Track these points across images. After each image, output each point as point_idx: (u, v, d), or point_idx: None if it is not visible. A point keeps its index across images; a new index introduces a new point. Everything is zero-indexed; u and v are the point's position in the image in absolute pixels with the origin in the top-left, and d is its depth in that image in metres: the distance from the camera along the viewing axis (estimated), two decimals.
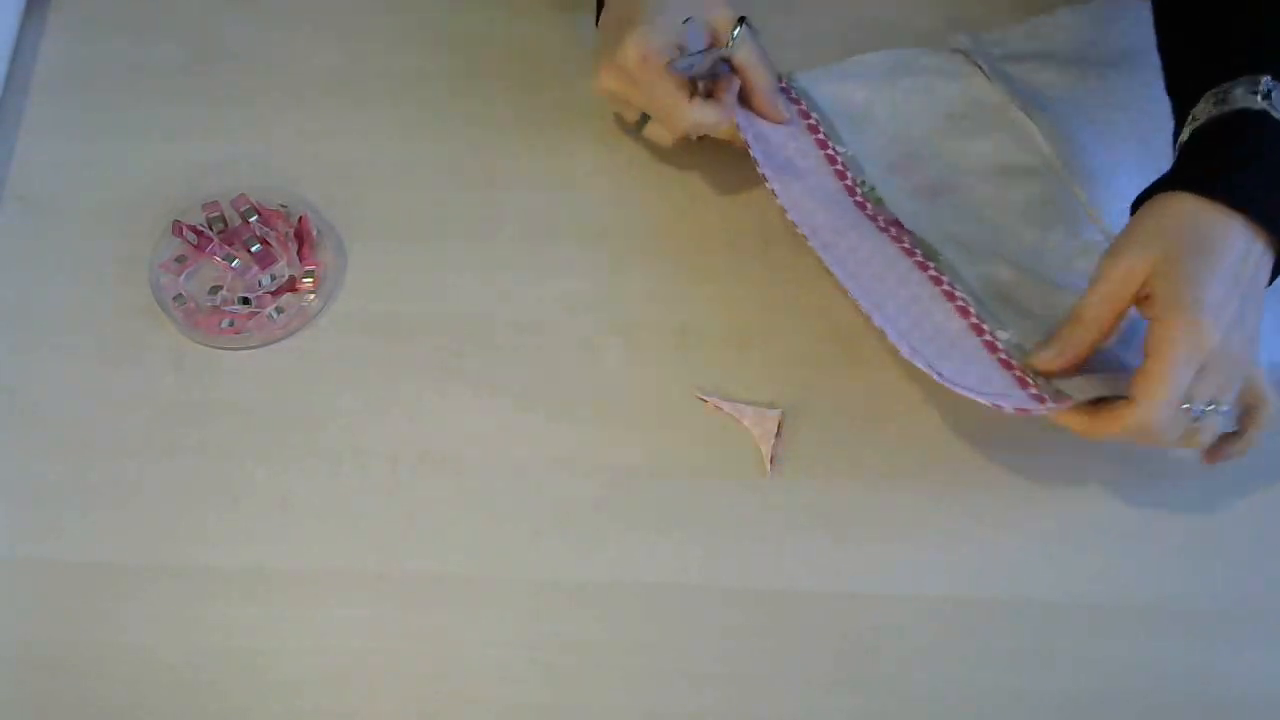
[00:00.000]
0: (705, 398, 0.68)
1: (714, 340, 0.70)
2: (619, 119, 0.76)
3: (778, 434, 0.67)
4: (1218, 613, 0.63)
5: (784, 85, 0.74)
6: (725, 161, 0.74)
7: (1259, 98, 0.57)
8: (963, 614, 0.63)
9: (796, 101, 0.74)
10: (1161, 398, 0.56)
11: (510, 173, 0.75)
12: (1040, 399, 0.61)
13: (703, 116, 0.67)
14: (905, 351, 0.62)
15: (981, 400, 0.60)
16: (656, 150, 0.75)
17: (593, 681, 0.61)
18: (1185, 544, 0.64)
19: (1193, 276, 0.55)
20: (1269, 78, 0.57)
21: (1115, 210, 0.69)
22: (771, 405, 0.67)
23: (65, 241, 0.73)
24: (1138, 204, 0.60)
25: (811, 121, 0.73)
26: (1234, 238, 0.56)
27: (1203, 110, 0.59)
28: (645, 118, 0.75)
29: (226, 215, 0.72)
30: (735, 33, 0.68)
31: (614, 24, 0.68)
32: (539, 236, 0.73)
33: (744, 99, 0.71)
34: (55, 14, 0.81)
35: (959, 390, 0.61)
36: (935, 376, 0.61)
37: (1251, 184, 0.56)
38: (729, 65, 0.69)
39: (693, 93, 0.68)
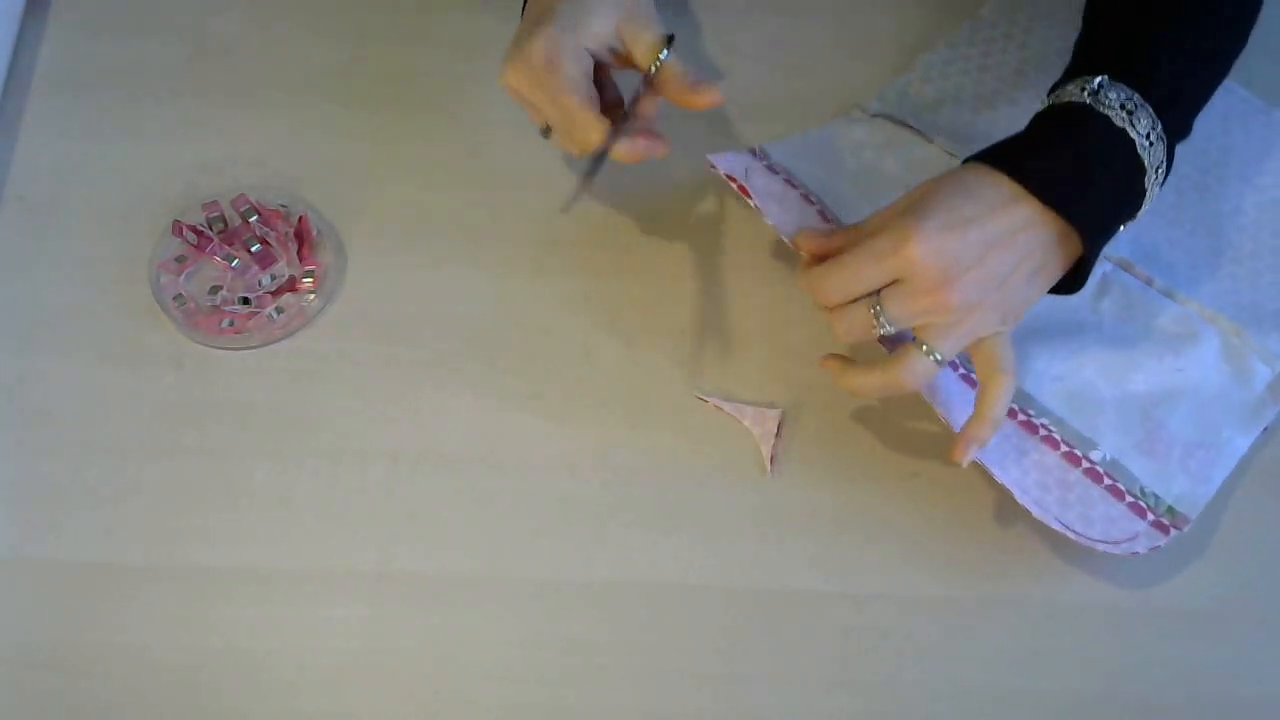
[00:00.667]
0: (705, 398, 0.68)
1: (714, 340, 0.70)
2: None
3: (778, 434, 0.67)
4: (1217, 613, 0.63)
5: (758, 154, 0.70)
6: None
7: (1086, 94, 0.58)
8: (963, 614, 0.63)
9: (775, 171, 0.69)
10: (838, 265, 0.58)
11: (510, 173, 0.75)
12: (1163, 527, 0.62)
13: (595, 135, 0.63)
14: (1036, 513, 0.62)
15: (1117, 551, 0.61)
16: None
17: (593, 681, 0.61)
18: (1185, 544, 0.64)
19: (933, 197, 0.57)
20: (1104, 77, 0.59)
21: None
22: (771, 405, 0.67)
23: (65, 241, 0.73)
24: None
25: (802, 192, 0.68)
26: (993, 193, 0.57)
27: (1043, 103, 0.61)
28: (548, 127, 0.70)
29: (226, 215, 0.72)
30: (664, 54, 0.63)
31: (532, 19, 0.64)
32: (539, 236, 0.73)
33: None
34: (55, 14, 0.81)
35: (1100, 547, 0.61)
36: (1072, 536, 0.62)
37: (1043, 162, 0.58)
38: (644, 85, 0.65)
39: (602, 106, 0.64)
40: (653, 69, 0.63)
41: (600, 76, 0.66)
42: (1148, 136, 0.58)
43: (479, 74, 0.78)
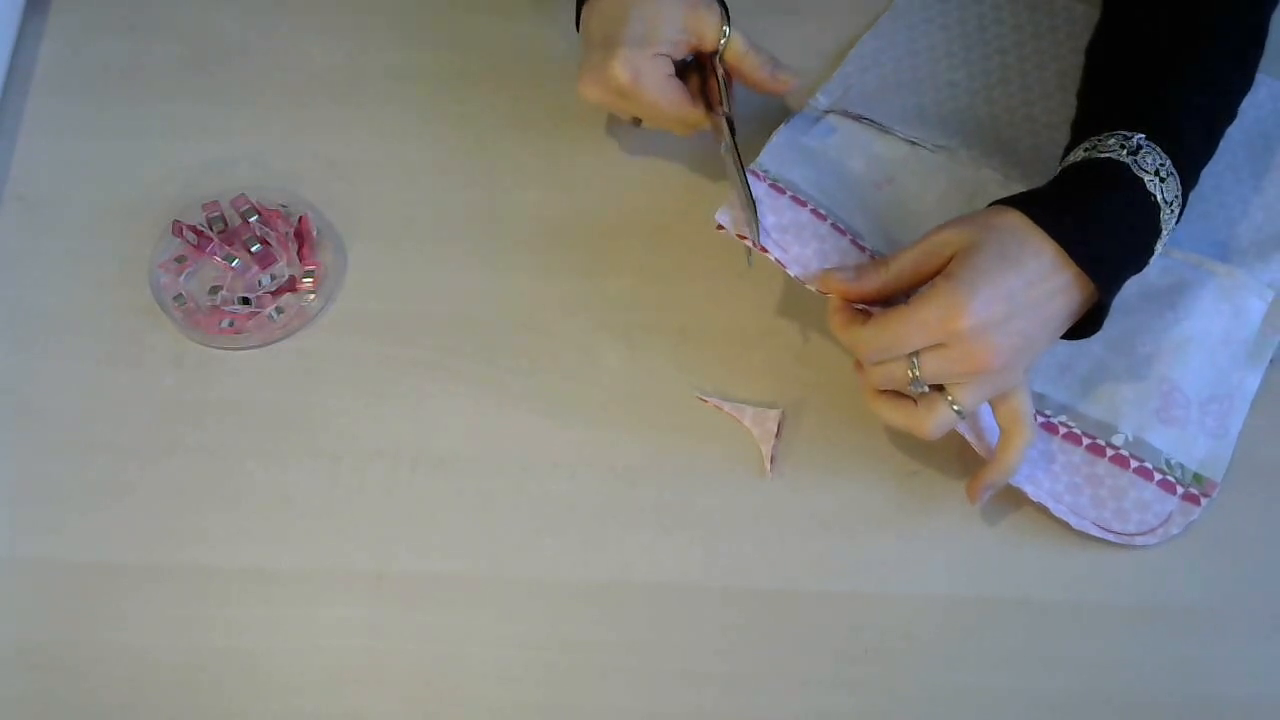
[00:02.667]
0: (705, 398, 0.68)
1: (714, 340, 0.70)
2: (613, 117, 0.76)
3: (778, 434, 0.67)
4: (1216, 613, 0.63)
5: (760, 175, 0.69)
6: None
7: (1125, 152, 0.59)
8: (962, 614, 0.63)
9: (782, 190, 0.67)
10: (885, 331, 0.59)
11: (510, 173, 0.75)
12: (1194, 498, 0.64)
13: (704, 124, 0.68)
14: (1075, 523, 0.63)
15: (1154, 542, 0.63)
16: (656, 151, 0.75)
17: (593, 681, 0.62)
18: (1185, 544, 0.64)
19: (979, 266, 0.57)
20: (1142, 135, 0.60)
21: None
22: (771, 405, 0.67)
23: (65, 241, 0.73)
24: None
25: (812, 208, 0.67)
26: (1037, 262, 0.58)
27: (1077, 153, 0.62)
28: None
29: (226, 215, 0.72)
30: (726, 30, 0.67)
31: (600, 41, 0.67)
32: (539, 236, 0.73)
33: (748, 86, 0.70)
34: (55, 14, 0.81)
35: (1138, 541, 0.63)
36: (1111, 537, 0.63)
37: (1081, 224, 0.58)
38: (713, 64, 0.68)
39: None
40: (721, 44, 0.67)
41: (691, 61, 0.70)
42: (1171, 205, 0.60)
43: (479, 73, 0.78)
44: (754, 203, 0.64)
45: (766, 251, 0.64)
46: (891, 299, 0.62)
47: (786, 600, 0.63)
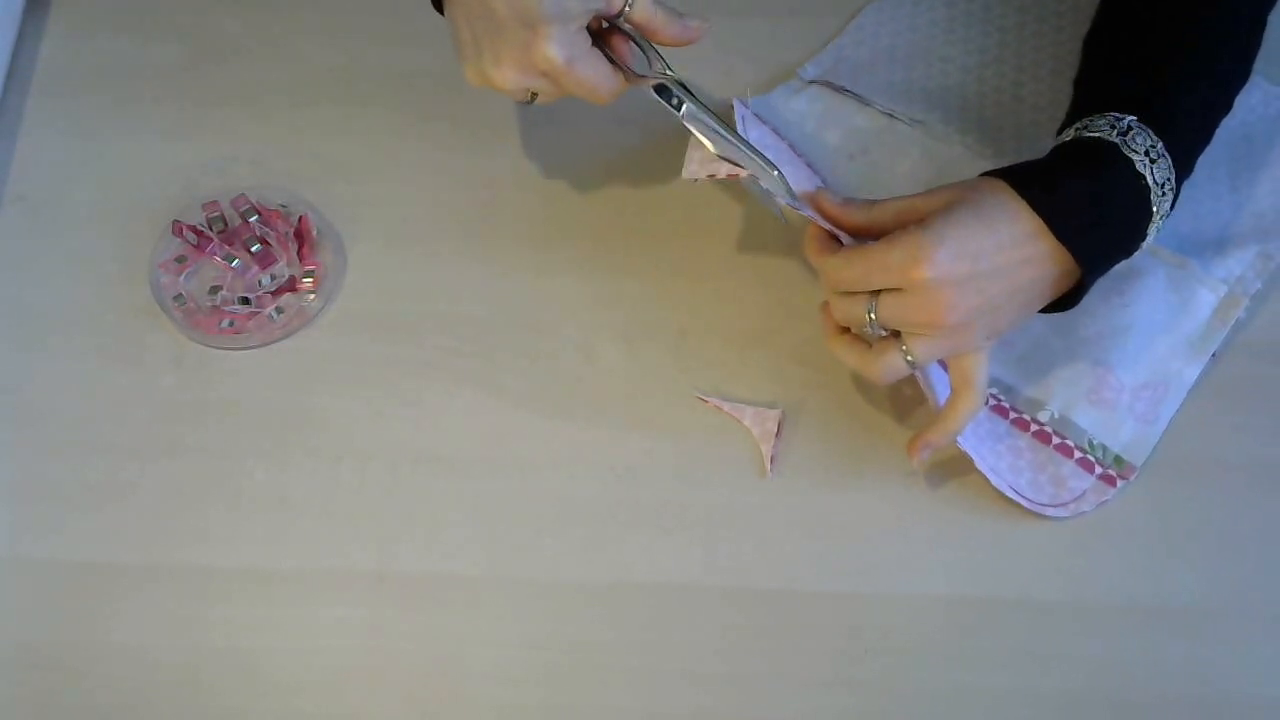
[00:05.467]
0: (705, 398, 0.68)
1: (714, 340, 0.70)
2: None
3: (778, 434, 0.67)
4: (1217, 613, 0.63)
5: (745, 105, 0.69)
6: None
7: (1115, 132, 0.59)
8: (962, 614, 0.63)
9: (763, 120, 0.71)
10: (847, 264, 0.60)
11: (510, 173, 0.75)
12: (1110, 479, 0.65)
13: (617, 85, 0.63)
14: (993, 480, 0.64)
15: (1065, 515, 0.64)
16: (656, 151, 0.75)
17: (593, 681, 0.62)
18: (1185, 544, 0.64)
19: (952, 220, 0.58)
20: (1134, 117, 0.60)
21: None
22: (771, 405, 0.67)
23: (65, 241, 0.73)
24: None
25: (789, 142, 0.72)
26: (1012, 227, 0.58)
27: (1068, 133, 0.62)
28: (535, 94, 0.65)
29: (226, 215, 0.72)
30: None
31: (511, 17, 0.58)
32: (539, 237, 0.73)
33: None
34: (55, 14, 0.81)
35: (1048, 512, 0.64)
36: (1024, 503, 0.64)
37: (1064, 198, 0.58)
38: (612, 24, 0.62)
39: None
40: (625, 6, 0.61)
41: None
42: (1163, 186, 0.60)
43: None
44: (749, 146, 0.63)
45: (742, 168, 0.62)
46: (866, 238, 0.62)
47: (786, 600, 0.63)
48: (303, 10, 0.81)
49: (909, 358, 0.60)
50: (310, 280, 0.71)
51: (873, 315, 0.59)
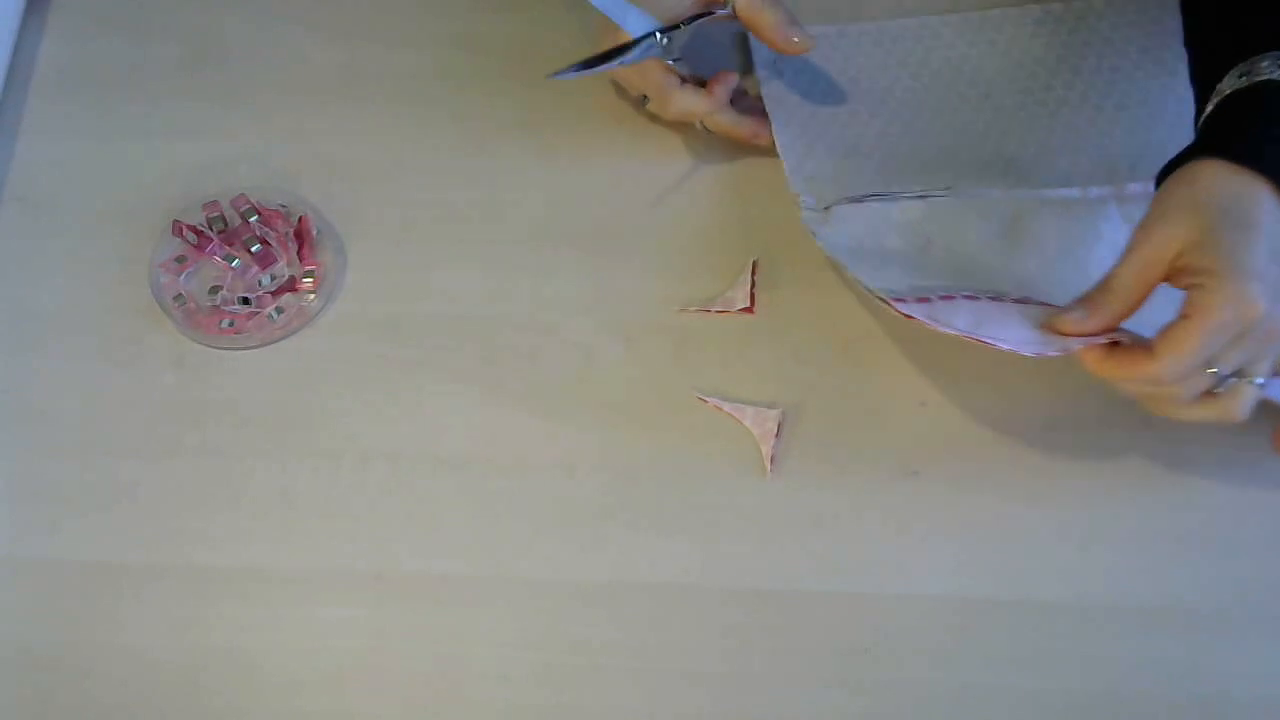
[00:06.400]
0: (705, 398, 0.68)
1: (714, 340, 0.70)
2: (621, 94, 0.76)
3: (778, 434, 0.67)
4: (1218, 613, 0.63)
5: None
6: (726, 162, 0.74)
7: (1274, 70, 0.57)
8: (963, 614, 0.63)
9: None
10: (1186, 355, 0.55)
11: (510, 173, 0.75)
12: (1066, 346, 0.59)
13: (689, 104, 0.70)
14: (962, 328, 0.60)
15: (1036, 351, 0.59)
16: (657, 150, 0.75)
17: (593, 681, 0.61)
18: (1185, 544, 0.64)
19: (1236, 246, 0.55)
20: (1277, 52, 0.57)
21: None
22: (771, 405, 0.67)
23: (65, 241, 0.73)
24: (1163, 175, 0.59)
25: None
26: (1269, 207, 0.55)
27: (1228, 84, 0.59)
28: (645, 97, 0.74)
29: (226, 215, 0.72)
30: None
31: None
32: (539, 236, 0.73)
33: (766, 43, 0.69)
34: (55, 14, 0.81)
35: (1024, 350, 0.59)
36: (1002, 346, 0.59)
37: (1276, 149, 0.56)
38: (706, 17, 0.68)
39: (682, 80, 0.70)
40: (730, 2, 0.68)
41: None
42: None
43: (479, 74, 0.78)
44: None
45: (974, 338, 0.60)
46: (1125, 319, 0.59)
47: (786, 600, 0.63)
48: (303, 10, 0.81)
49: (1259, 381, 0.57)
50: (310, 280, 0.71)
51: (1224, 374, 0.56)
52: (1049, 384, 0.67)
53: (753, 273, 0.71)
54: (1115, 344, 0.58)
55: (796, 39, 0.69)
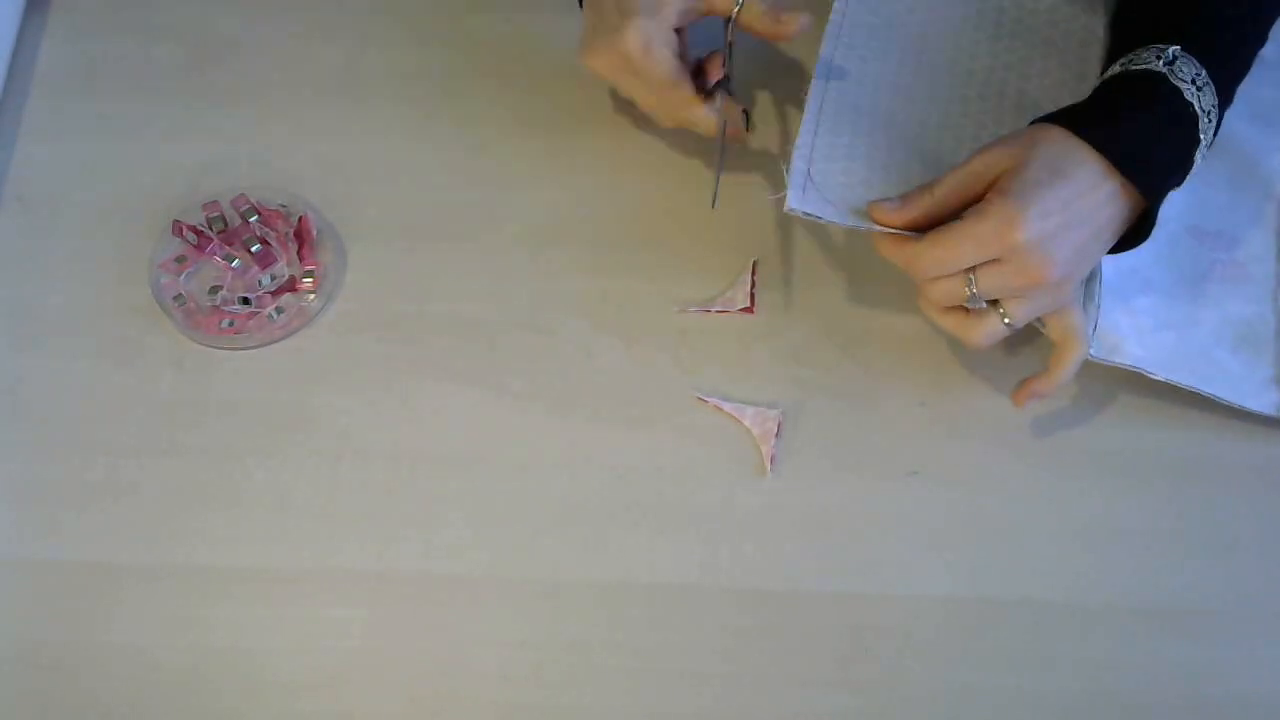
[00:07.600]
0: (705, 398, 0.68)
1: (714, 340, 0.70)
2: (613, 94, 0.76)
3: (778, 434, 0.67)
4: (1218, 613, 0.63)
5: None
6: (726, 162, 0.74)
7: (1161, 63, 0.60)
8: (962, 614, 0.63)
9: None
10: (941, 250, 0.59)
11: (510, 173, 0.75)
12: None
13: (699, 114, 0.68)
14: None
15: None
16: (657, 150, 0.75)
17: (593, 681, 0.62)
18: (1185, 544, 0.64)
19: (1036, 183, 0.58)
20: (1178, 47, 0.60)
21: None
22: (771, 405, 0.67)
23: (65, 241, 0.73)
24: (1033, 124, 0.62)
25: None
26: (1085, 172, 0.58)
27: (1114, 68, 0.62)
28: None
29: (226, 215, 0.72)
30: None
31: (612, 7, 0.66)
32: (539, 236, 0.73)
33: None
34: (55, 14, 0.81)
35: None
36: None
37: (1124, 134, 0.59)
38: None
39: (698, 88, 0.68)
40: (735, 9, 0.66)
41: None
42: (1208, 114, 0.60)
43: (479, 73, 0.78)
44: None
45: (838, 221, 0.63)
46: (938, 223, 0.61)
47: (786, 600, 0.63)
48: (303, 10, 0.81)
49: (1006, 320, 0.60)
50: (310, 280, 0.71)
51: (974, 290, 0.59)
52: None
53: (753, 273, 0.71)
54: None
55: (786, 18, 0.67)
